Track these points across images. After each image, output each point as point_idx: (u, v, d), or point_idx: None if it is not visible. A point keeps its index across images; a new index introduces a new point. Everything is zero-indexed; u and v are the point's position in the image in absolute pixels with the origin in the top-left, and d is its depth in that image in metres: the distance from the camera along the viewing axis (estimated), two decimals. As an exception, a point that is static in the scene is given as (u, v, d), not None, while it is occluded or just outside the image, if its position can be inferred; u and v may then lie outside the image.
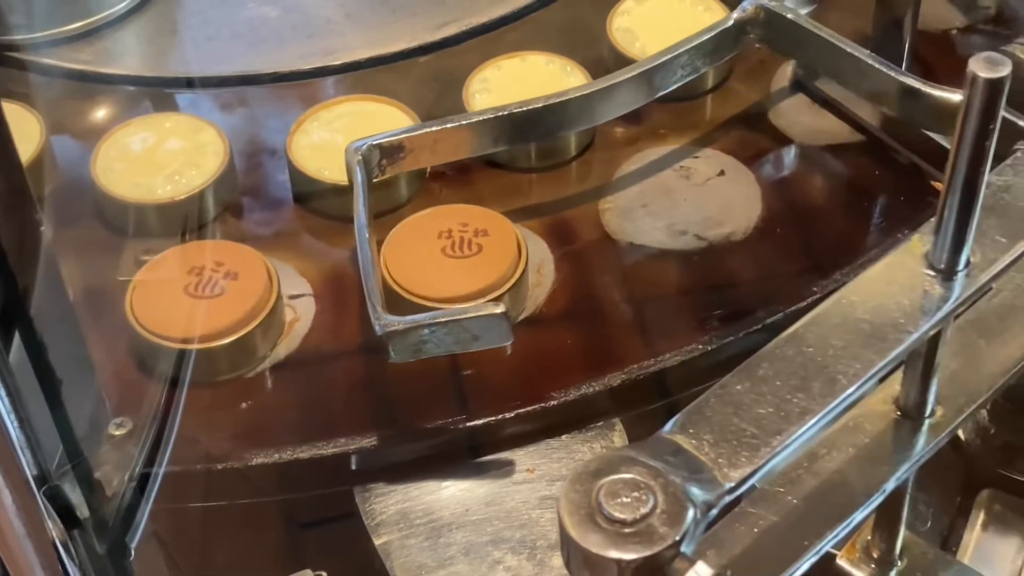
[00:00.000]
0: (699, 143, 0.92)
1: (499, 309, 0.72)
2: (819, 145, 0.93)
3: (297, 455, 0.76)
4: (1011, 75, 0.51)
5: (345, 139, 0.88)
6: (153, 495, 0.66)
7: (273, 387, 0.79)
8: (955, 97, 0.78)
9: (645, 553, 0.47)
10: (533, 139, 0.87)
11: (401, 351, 0.72)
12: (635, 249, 0.86)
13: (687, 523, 0.48)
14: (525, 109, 0.85)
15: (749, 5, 0.89)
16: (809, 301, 0.82)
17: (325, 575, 0.71)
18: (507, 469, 0.76)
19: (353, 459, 0.76)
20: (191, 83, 0.98)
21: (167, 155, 0.89)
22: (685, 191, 0.89)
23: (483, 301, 0.78)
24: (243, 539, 0.81)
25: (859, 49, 0.85)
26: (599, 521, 0.48)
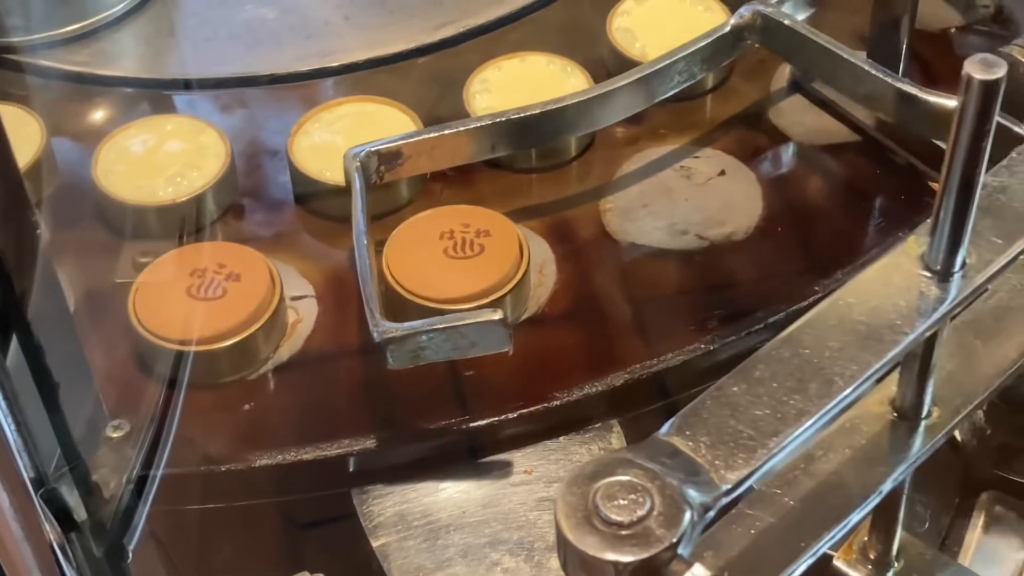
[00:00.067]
0: (699, 143, 0.92)
1: (497, 316, 0.72)
2: (820, 144, 0.93)
3: (301, 457, 0.76)
4: (1007, 76, 0.51)
5: (346, 140, 0.89)
6: (151, 497, 0.66)
7: (276, 389, 0.79)
8: (951, 103, 0.78)
9: (642, 555, 0.47)
10: (531, 145, 0.88)
11: (399, 358, 0.73)
12: (636, 249, 0.86)
13: (684, 525, 0.48)
14: (523, 115, 0.85)
15: (746, 11, 0.89)
16: (811, 300, 0.81)
17: (323, 577, 0.72)
18: (505, 471, 0.76)
19: (356, 460, 0.76)
20: (189, 85, 0.98)
21: (168, 157, 0.89)
22: (686, 191, 0.89)
23: (484, 302, 0.79)
24: (241, 541, 0.81)
25: (855, 55, 0.86)
26: (596, 523, 0.48)
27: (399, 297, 0.79)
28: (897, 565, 0.66)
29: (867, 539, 0.66)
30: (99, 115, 0.97)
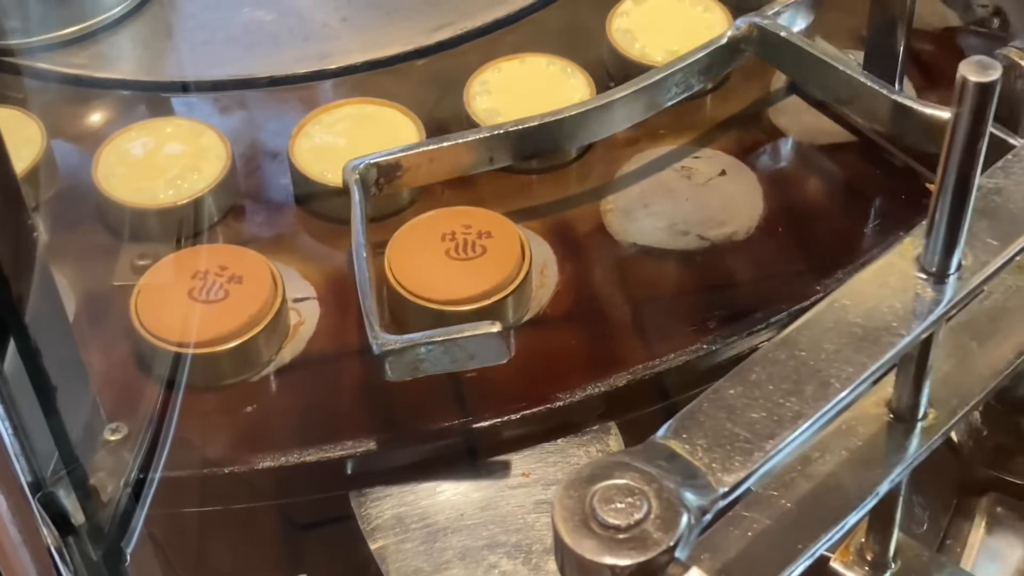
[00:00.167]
0: (700, 143, 0.92)
1: (495, 328, 0.72)
2: (820, 144, 0.93)
3: (303, 459, 0.76)
4: (1002, 78, 0.51)
5: (347, 142, 0.89)
6: (149, 500, 0.66)
7: (278, 391, 0.79)
8: (945, 115, 0.78)
9: (639, 559, 0.47)
10: (529, 156, 0.88)
11: (398, 370, 0.73)
12: (637, 249, 0.86)
13: (681, 528, 0.48)
14: (521, 127, 0.86)
15: (743, 23, 0.90)
16: (812, 300, 0.81)
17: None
18: (503, 473, 0.76)
19: (359, 462, 0.76)
20: (187, 87, 0.98)
21: (168, 159, 0.89)
22: (687, 191, 0.89)
23: (486, 304, 0.79)
24: (240, 543, 0.81)
25: (851, 66, 0.87)
26: (593, 527, 0.48)
27: (401, 299, 0.79)
28: (894, 566, 0.66)
29: (864, 541, 0.66)
30: (98, 117, 0.97)
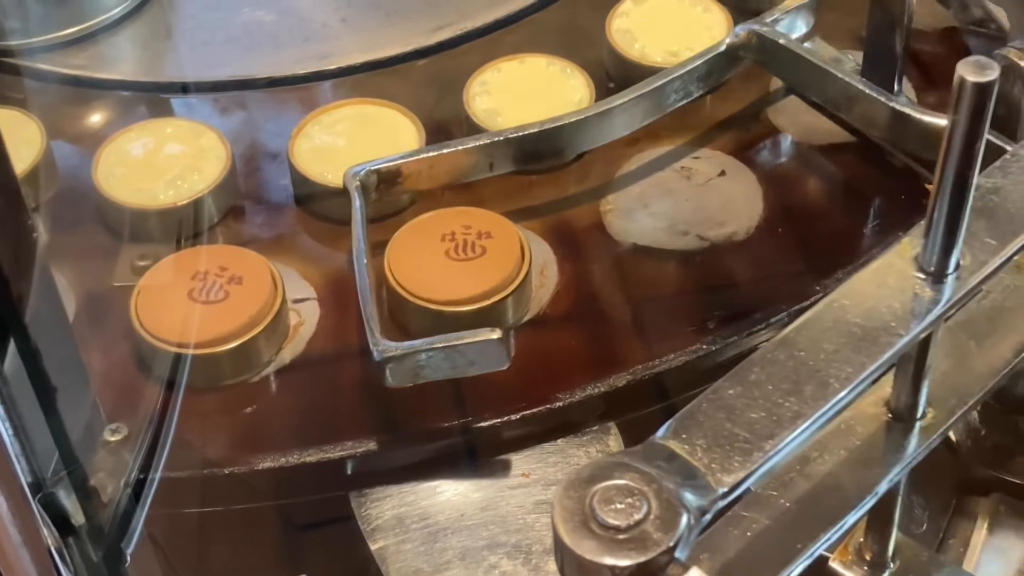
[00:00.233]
0: (699, 143, 0.92)
1: (495, 335, 0.72)
2: (820, 144, 0.93)
3: (304, 459, 0.76)
4: (1000, 78, 0.51)
5: (347, 143, 0.89)
6: (150, 501, 0.66)
7: (278, 391, 0.80)
8: (942, 122, 0.78)
9: (639, 559, 0.47)
10: (528, 162, 0.88)
11: (398, 376, 0.73)
12: (638, 250, 0.86)
13: (681, 529, 0.48)
14: (520, 134, 0.86)
15: (742, 30, 0.91)
16: (812, 300, 0.81)
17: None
18: (503, 474, 0.76)
19: (359, 463, 0.76)
20: (187, 88, 0.98)
21: (168, 160, 0.89)
22: (686, 191, 0.89)
23: (486, 304, 0.79)
24: (240, 544, 0.81)
25: (849, 74, 0.87)
26: (593, 527, 0.48)
27: (401, 300, 0.80)
28: (893, 566, 0.66)
29: (863, 540, 0.65)
30: (98, 118, 0.97)
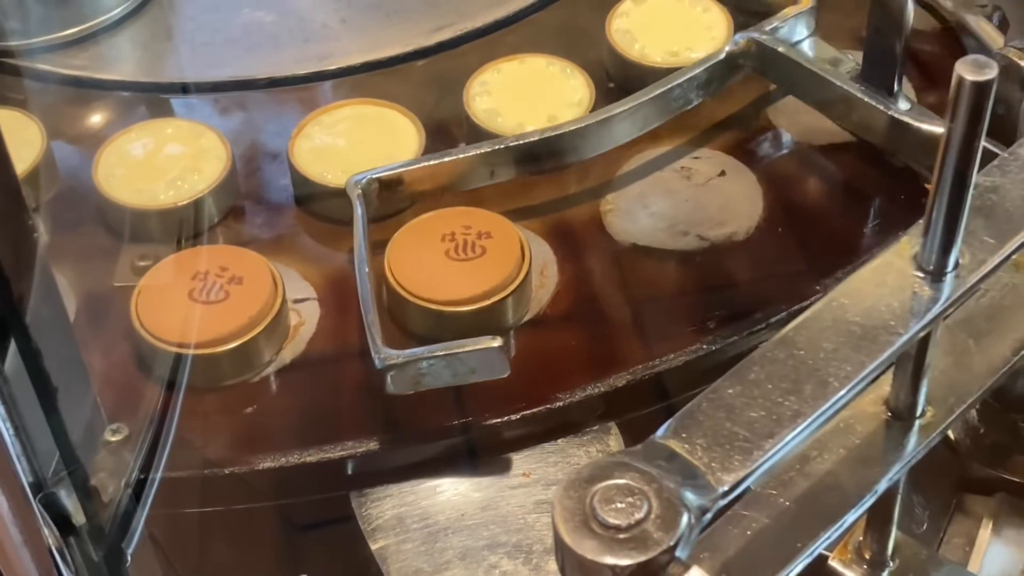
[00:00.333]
0: (699, 143, 0.93)
1: (496, 343, 0.73)
2: (820, 144, 0.93)
3: (304, 459, 0.76)
4: (999, 77, 0.51)
5: (347, 143, 0.89)
6: (150, 501, 0.66)
7: (278, 392, 0.80)
8: (940, 130, 0.78)
9: (640, 559, 0.47)
10: (529, 170, 0.88)
11: (400, 384, 0.74)
12: (637, 250, 0.86)
13: (681, 528, 0.48)
14: (521, 142, 0.86)
15: (741, 38, 0.91)
16: (812, 300, 0.81)
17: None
18: (503, 473, 0.76)
19: (359, 463, 0.76)
20: (187, 88, 0.98)
21: (169, 160, 0.89)
22: (686, 191, 0.89)
23: (486, 304, 0.79)
24: (240, 544, 0.81)
25: (848, 82, 0.87)
26: (593, 527, 0.48)
27: (401, 300, 0.80)
28: (892, 565, 0.66)
29: (862, 539, 0.65)
30: (98, 118, 0.97)
